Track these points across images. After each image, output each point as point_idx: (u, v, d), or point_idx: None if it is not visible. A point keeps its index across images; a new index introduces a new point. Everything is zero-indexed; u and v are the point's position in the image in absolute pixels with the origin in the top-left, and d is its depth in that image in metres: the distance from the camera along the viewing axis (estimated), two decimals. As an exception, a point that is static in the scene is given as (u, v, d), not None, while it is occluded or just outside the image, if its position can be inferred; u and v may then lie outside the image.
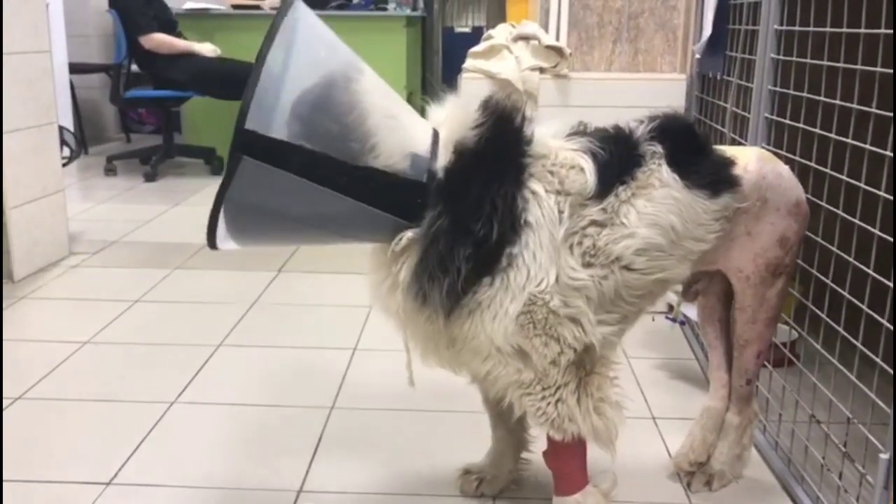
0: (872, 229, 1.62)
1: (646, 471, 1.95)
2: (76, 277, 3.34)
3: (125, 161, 5.61)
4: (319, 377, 2.44)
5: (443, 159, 1.44)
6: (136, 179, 5.25)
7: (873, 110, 1.62)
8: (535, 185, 1.47)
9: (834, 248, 1.79)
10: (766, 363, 2.04)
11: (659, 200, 1.53)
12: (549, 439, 1.60)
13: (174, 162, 5.67)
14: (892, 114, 1.55)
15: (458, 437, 2.09)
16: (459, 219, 1.41)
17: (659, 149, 1.57)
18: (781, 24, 2.06)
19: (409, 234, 1.43)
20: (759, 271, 1.72)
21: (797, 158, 1.94)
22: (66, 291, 3.17)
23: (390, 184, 1.40)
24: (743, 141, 2.29)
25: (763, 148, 2.10)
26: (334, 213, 1.41)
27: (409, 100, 5.46)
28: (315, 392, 2.34)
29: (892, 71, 1.55)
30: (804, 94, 1.93)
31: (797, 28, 1.98)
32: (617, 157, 1.53)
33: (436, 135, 1.47)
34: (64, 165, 3.72)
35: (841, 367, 1.73)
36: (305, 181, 1.33)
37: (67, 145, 3.98)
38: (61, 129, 3.83)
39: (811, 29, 1.91)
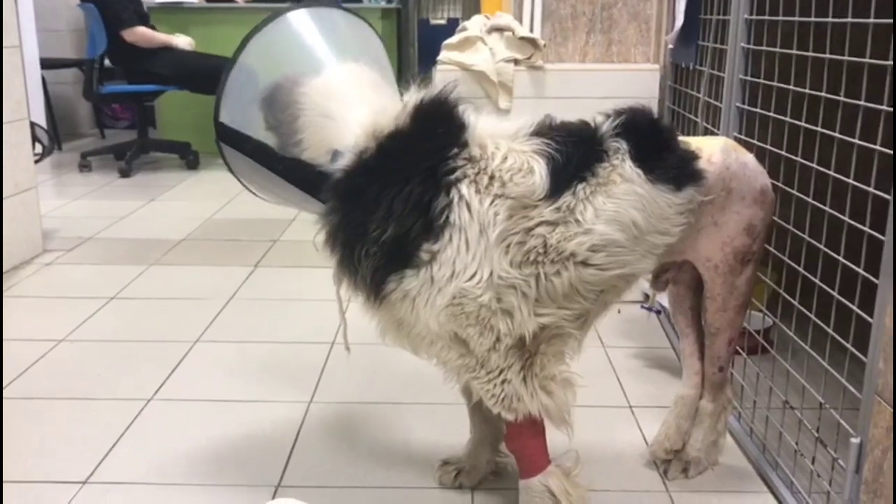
0: (842, 217, 1.64)
1: (623, 459, 1.97)
2: (50, 275, 3.31)
3: (100, 157, 5.56)
4: (297, 372, 2.43)
5: (347, 159, 1.50)
6: (110, 175, 5.20)
7: (842, 98, 1.64)
8: (463, 188, 1.47)
9: (805, 236, 1.81)
10: (739, 350, 2.07)
11: (620, 196, 1.53)
12: (506, 422, 1.62)
13: (149, 157, 5.63)
14: (860, 102, 1.57)
15: (436, 430, 2.10)
16: (351, 218, 1.49)
17: (623, 145, 1.57)
18: (752, 14, 2.08)
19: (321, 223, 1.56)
20: (728, 260, 1.74)
21: (768, 147, 1.96)
22: (41, 289, 3.14)
23: (313, 174, 1.57)
24: (716, 130, 2.31)
25: (735, 137, 2.12)
26: (285, 190, 1.67)
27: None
28: (293, 387, 2.33)
29: (861, 59, 1.57)
30: (775, 84, 1.94)
31: (767, 18, 2.00)
32: (576, 155, 1.54)
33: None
34: (36, 162, 3.68)
35: (813, 354, 1.75)
36: (256, 163, 1.64)
37: (40, 142, 3.93)
38: (33, 125, 3.79)
39: (781, 18, 1.92)
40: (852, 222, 1.61)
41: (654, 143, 1.62)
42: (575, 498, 1.62)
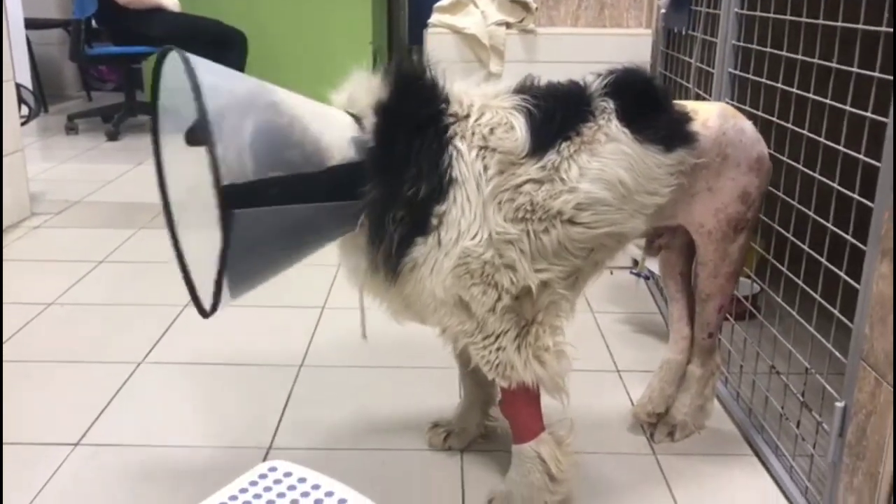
0: (832, 183, 1.64)
1: (610, 423, 1.99)
2: (38, 238, 3.30)
3: (87, 120, 5.51)
4: (288, 336, 2.44)
5: (364, 137, 1.47)
6: (98, 138, 5.16)
7: (834, 65, 1.64)
8: (457, 142, 1.48)
9: (795, 203, 1.82)
10: (728, 316, 2.08)
11: (605, 155, 1.53)
12: (502, 389, 1.63)
13: (137, 120, 5.58)
14: (852, 69, 1.57)
15: (426, 393, 2.12)
16: (389, 183, 1.45)
17: (610, 104, 1.57)
18: (746, -21, 2.06)
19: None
20: (721, 226, 1.74)
21: (760, 113, 1.96)
22: (29, 253, 3.12)
23: (350, 173, 1.44)
24: (707, 96, 2.31)
25: (726, 103, 2.12)
26: (317, 222, 1.46)
27: (375, 57, 5.42)
28: (283, 350, 2.34)
29: (854, 25, 1.56)
30: (767, 49, 1.94)
31: (761, -17, 1.99)
32: (560, 113, 1.53)
33: (352, 115, 1.51)
34: (23, 124, 3.65)
35: (800, 320, 1.76)
36: (291, 206, 1.38)
37: (26, 103, 3.89)
38: (18, 86, 3.74)
39: (775, -17, 1.91)
40: (842, 189, 1.61)
41: (644, 102, 1.62)
42: (564, 466, 1.64)
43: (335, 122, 1.48)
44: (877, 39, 1.49)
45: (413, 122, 1.47)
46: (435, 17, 2.92)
